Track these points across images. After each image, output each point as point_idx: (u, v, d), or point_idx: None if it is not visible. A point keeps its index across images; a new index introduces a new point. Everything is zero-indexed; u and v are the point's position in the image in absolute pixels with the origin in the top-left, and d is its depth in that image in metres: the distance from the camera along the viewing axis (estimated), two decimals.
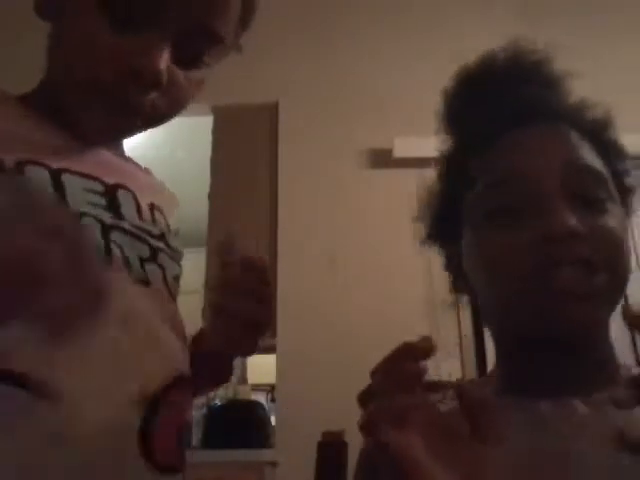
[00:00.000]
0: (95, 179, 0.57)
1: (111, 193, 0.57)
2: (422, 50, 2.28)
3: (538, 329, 0.53)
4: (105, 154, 0.61)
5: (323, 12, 2.37)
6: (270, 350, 1.98)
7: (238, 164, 2.25)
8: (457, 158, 0.64)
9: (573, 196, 0.53)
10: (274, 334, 1.99)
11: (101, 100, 0.56)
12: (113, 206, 0.56)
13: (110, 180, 0.58)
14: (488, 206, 0.56)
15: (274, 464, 1.80)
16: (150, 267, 0.57)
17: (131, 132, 0.62)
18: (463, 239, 0.61)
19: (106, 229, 0.54)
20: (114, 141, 0.63)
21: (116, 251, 0.53)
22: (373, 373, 0.47)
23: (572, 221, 0.50)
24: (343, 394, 0.49)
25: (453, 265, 0.65)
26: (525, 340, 0.56)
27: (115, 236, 0.54)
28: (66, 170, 0.54)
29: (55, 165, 0.53)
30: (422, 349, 0.46)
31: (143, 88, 0.55)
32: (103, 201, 0.56)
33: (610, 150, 0.60)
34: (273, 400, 2.63)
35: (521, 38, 0.63)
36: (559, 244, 0.50)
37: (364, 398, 0.46)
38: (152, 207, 0.62)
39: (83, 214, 0.53)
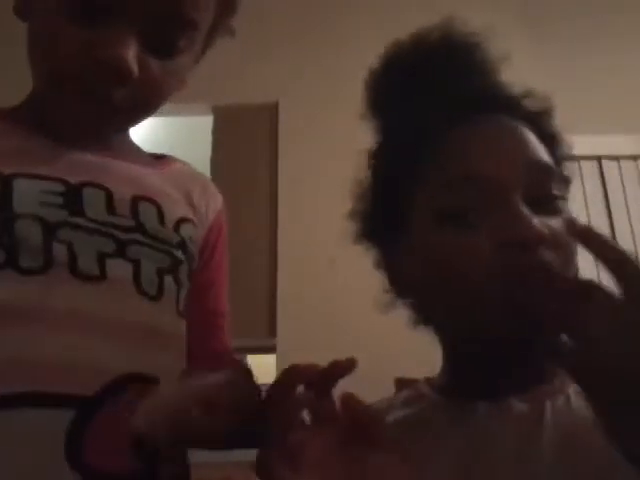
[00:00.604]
0: (57, 180, 0.56)
1: (74, 191, 0.56)
2: None
3: (497, 331, 0.51)
4: (81, 155, 0.60)
5: (323, 12, 2.37)
6: (270, 350, 1.98)
7: (238, 164, 2.25)
8: (400, 152, 0.59)
9: (530, 195, 0.51)
10: (274, 334, 1.99)
11: (73, 95, 0.55)
12: (72, 203, 0.55)
13: (76, 179, 0.57)
14: (442, 205, 0.53)
15: None
16: (113, 262, 0.55)
17: (115, 125, 0.61)
18: (409, 239, 0.57)
19: (50, 228, 0.52)
20: (97, 137, 0.62)
21: (60, 249, 0.52)
22: (263, 403, 0.46)
23: (539, 225, 0.49)
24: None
25: (390, 265, 0.61)
26: (474, 341, 0.54)
27: (63, 233, 0.53)
28: (21, 175, 0.54)
29: (9, 171, 0.53)
30: (307, 372, 0.45)
31: (112, 80, 0.54)
32: (60, 200, 0.55)
33: (553, 140, 0.58)
34: None
35: (455, 19, 0.60)
36: (527, 249, 0.48)
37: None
38: (136, 199, 0.60)
39: (19, 216, 0.52)
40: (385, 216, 0.60)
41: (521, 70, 2.25)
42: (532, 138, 0.55)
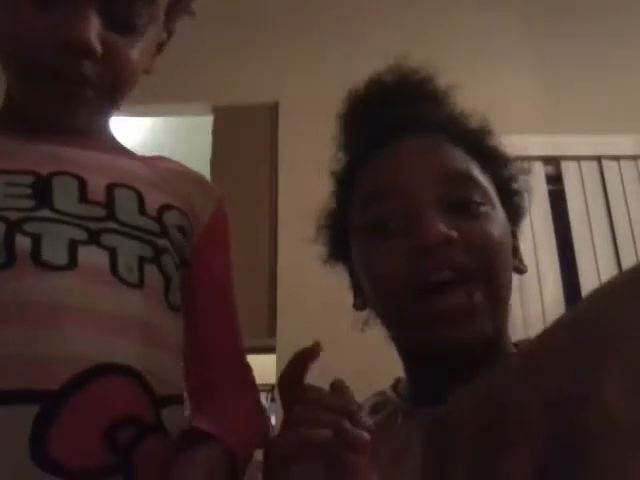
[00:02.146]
0: (26, 172, 0.56)
1: (43, 182, 0.56)
2: (422, 50, 2.27)
3: (424, 345, 0.53)
4: (56, 148, 0.60)
5: (323, 12, 2.37)
6: (270, 350, 1.98)
7: (238, 164, 2.25)
8: (344, 176, 0.64)
9: (445, 202, 0.53)
10: (274, 334, 1.99)
11: (41, 80, 0.56)
12: (40, 193, 0.55)
13: (47, 170, 0.57)
14: (363, 221, 0.56)
15: None
16: (86, 249, 0.54)
17: (91, 107, 0.60)
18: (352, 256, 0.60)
19: (13, 223, 0.52)
20: (75, 124, 0.62)
21: (23, 242, 0.51)
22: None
23: (442, 228, 0.50)
24: None
25: (353, 283, 0.65)
26: (418, 354, 0.56)
27: (28, 227, 0.52)
28: None
29: None
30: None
31: (76, 58, 0.55)
32: (28, 191, 0.55)
33: (490, 157, 0.60)
34: (273, 400, 2.63)
35: (406, 58, 0.65)
36: (432, 253, 0.49)
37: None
38: (112, 186, 0.59)
39: None
40: (339, 240, 0.63)
41: (521, 70, 2.26)
42: (452, 152, 0.57)
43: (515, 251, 0.60)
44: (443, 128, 0.59)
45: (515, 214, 0.61)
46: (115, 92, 0.61)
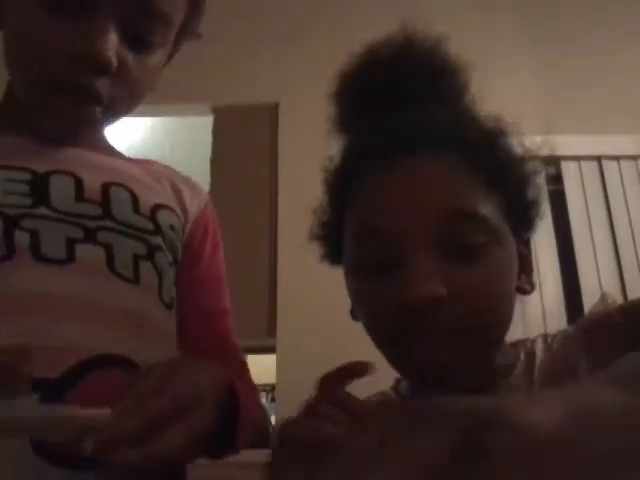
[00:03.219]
0: (23, 169, 0.56)
1: (41, 180, 0.57)
2: None
3: (412, 376, 0.53)
4: (53, 148, 0.60)
5: (324, 12, 2.37)
6: (270, 350, 1.98)
7: (238, 164, 2.25)
8: (341, 177, 0.60)
9: (445, 244, 0.49)
10: (274, 334, 1.99)
11: (56, 92, 0.56)
12: (38, 191, 0.56)
13: (45, 168, 0.57)
14: (357, 256, 0.54)
15: None
16: (83, 246, 0.55)
17: (93, 122, 0.61)
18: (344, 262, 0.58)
19: (12, 218, 0.53)
20: (78, 134, 0.62)
21: (22, 237, 0.52)
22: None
23: (430, 287, 0.47)
24: None
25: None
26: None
27: (27, 223, 0.53)
28: None
29: None
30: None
31: (92, 73, 0.55)
32: (26, 188, 0.55)
33: (502, 165, 0.55)
34: (273, 400, 2.63)
35: (411, 24, 0.59)
36: (420, 311, 0.48)
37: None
38: (107, 185, 0.60)
39: None
40: (332, 247, 0.61)
41: (521, 70, 2.27)
42: (459, 180, 0.52)
43: (523, 264, 0.56)
44: (454, 140, 0.53)
45: (529, 225, 0.58)
46: (122, 111, 0.61)
